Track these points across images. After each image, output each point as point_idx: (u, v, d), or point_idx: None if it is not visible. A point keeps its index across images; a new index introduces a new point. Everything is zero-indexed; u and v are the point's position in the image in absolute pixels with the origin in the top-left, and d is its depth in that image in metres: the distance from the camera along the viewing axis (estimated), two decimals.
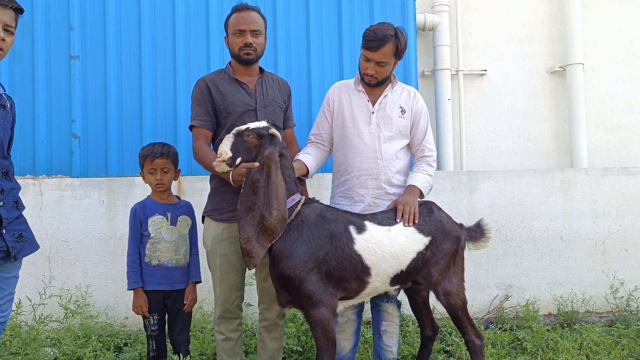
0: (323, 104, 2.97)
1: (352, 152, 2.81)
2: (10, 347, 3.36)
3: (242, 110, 2.67)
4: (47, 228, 4.08)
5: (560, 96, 5.05)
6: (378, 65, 2.72)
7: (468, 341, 2.72)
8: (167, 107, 4.31)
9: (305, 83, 4.34)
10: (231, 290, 2.67)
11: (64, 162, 4.21)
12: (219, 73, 2.78)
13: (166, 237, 2.73)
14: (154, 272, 2.72)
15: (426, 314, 2.98)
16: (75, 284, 4.07)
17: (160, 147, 2.79)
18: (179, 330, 2.78)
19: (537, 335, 3.61)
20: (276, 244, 2.40)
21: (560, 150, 5.02)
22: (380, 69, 2.74)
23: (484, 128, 4.99)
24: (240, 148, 2.45)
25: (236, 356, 2.75)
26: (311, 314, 2.37)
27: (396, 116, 2.82)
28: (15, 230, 1.97)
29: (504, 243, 4.34)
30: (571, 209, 4.40)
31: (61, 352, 3.47)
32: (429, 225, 2.65)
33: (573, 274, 4.38)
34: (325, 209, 2.54)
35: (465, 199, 4.33)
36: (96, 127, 4.22)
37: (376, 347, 2.96)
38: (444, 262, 2.66)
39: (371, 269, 2.48)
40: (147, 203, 2.79)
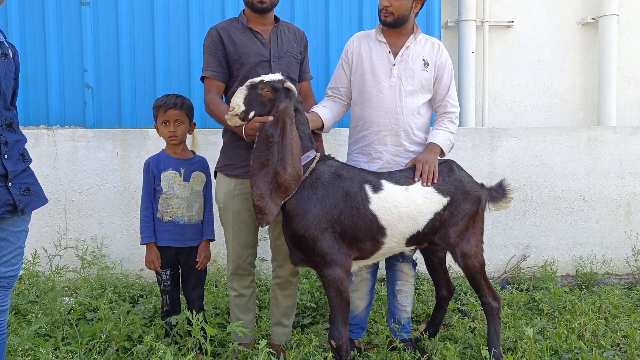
0: (342, 56, 2.83)
1: (371, 106, 2.69)
2: (28, 296, 3.41)
3: (256, 61, 2.56)
4: (62, 179, 4.07)
5: (591, 50, 4.79)
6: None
7: (485, 303, 2.67)
8: (180, 55, 4.18)
9: (323, 34, 4.16)
10: (244, 247, 2.64)
11: (78, 112, 4.15)
12: (232, 21, 2.65)
13: (178, 193, 2.68)
14: (165, 227, 2.68)
15: (442, 274, 2.93)
16: (91, 235, 4.09)
17: (174, 98, 2.70)
18: (192, 286, 2.77)
19: (554, 297, 3.55)
20: (289, 201, 2.33)
21: (588, 107, 4.81)
22: (396, 1, 2.58)
23: (508, 83, 4.79)
24: (254, 101, 2.35)
25: (249, 312, 2.75)
26: (325, 274, 2.33)
27: (419, 69, 2.68)
28: (22, 183, 1.93)
29: (524, 202, 4.23)
30: (596, 168, 4.24)
31: (78, 302, 3.52)
32: (448, 185, 2.56)
33: (594, 235, 4.28)
34: (341, 167, 2.45)
35: (486, 157, 4.20)
36: (109, 77, 4.13)
37: (390, 307, 2.93)
38: (463, 223, 2.58)
39: (386, 230, 2.41)
40: (161, 157, 2.73)
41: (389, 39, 2.71)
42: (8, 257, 1.92)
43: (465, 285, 3.75)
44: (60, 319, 3.05)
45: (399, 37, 2.71)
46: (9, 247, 1.92)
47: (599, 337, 2.91)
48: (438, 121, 2.79)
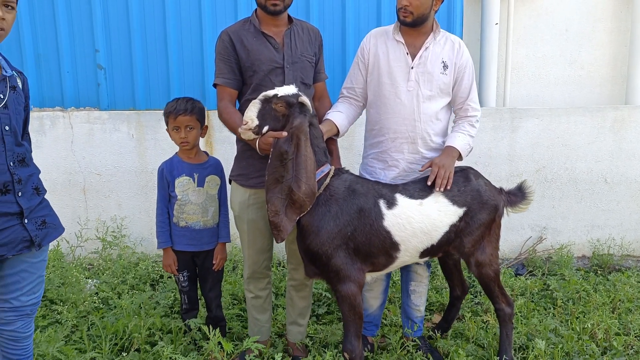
0: (357, 54, 2.71)
1: (388, 111, 2.60)
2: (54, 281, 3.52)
3: (269, 68, 2.48)
4: (79, 161, 4.10)
5: (623, 17, 4.53)
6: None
7: (498, 309, 2.68)
8: (192, 34, 4.08)
9: (339, 32, 3.99)
10: (259, 253, 2.67)
11: (92, 94, 4.12)
12: (244, 23, 2.54)
13: (193, 200, 2.69)
14: (181, 233, 2.71)
15: (456, 274, 2.94)
16: (110, 215, 4.17)
17: (184, 103, 2.65)
18: (209, 287, 2.83)
19: (568, 286, 3.56)
20: (304, 217, 2.32)
21: (616, 79, 4.61)
22: (416, 0, 2.44)
23: (532, 54, 4.59)
24: (268, 116, 2.30)
25: (265, 312, 2.81)
26: (338, 289, 2.35)
27: (438, 72, 2.56)
28: (38, 217, 1.94)
29: (543, 184, 4.17)
30: (620, 150, 4.12)
31: (101, 281, 3.64)
32: (464, 195, 2.51)
33: (613, 217, 4.22)
34: (355, 181, 2.42)
35: (506, 138, 4.10)
36: (121, 58, 4.06)
37: (404, 305, 2.97)
38: (479, 233, 2.55)
39: (400, 245, 2.40)
40: (174, 162, 2.72)
41: (407, 38, 2.58)
42: (30, 287, 1.98)
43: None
44: (84, 310, 3.17)
45: (417, 37, 2.58)
46: (29, 278, 1.97)
47: (611, 336, 2.94)
48: (458, 124, 2.70)
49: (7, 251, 1.83)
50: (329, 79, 2.84)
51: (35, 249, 1.92)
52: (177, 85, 4.08)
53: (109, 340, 2.77)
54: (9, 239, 1.83)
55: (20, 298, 1.96)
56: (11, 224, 1.84)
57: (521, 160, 4.13)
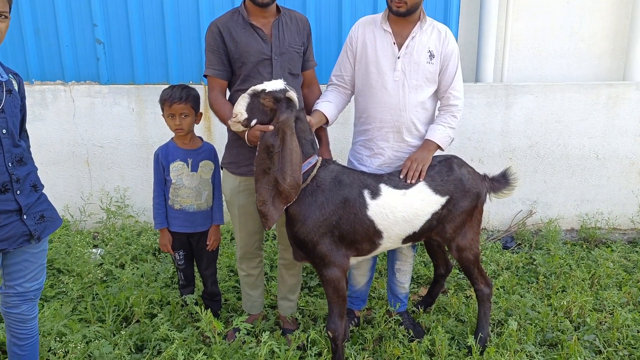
0: (346, 42, 2.75)
1: (374, 101, 2.67)
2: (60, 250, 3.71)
3: (257, 60, 2.54)
4: (82, 134, 4.22)
5: None
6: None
7: (477, 290, 2.82)
8: (189, 7, 4.07)
9: (335, 19, 3.96)
10: (250, 235, 2.81)
11: (91, 68, 4.18)
12: (233, 15, 2.58)
13: (187, 184, 2.81)
14: (176, 215, 2.85)
15: (440, 254, 3.08)
16: (113, 186, 4.32)
17: (179, 91, 2.72)
18: (205, 266, 2.99)
19: (552, 260, 3.70)
20: (292, 206, 2.44)
21: (615, 52, 4.57)
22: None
23: (532, 26, 4.53)
24: (256, 109, 2.38)
25: (257, 288, 2.99)
26: (324, 274, 2.50)
27: (424, 62, 2.61)
28: (36, 212, 2.08)
29: (535, 160, 4.24)
30: (613, 126, 4.16)
31: (106, 252, 3.84)
32: (447, 184, 2.61)
33: (603, 192, 4.31)
34: (342, 172, 2.52)
35: (500, 114, 4.14)
36: (119, 32, 4.10)
37: (389, 282, 3.13)
38: (460, 220, 2.66)
39: (383, 233, 2.52)
40: (169, 148, 2.82)
41: (395, 27, 2.61)
42: (32, 275, 2.14)
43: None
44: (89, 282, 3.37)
45: (405, 26, 2.61)
46: (31, 267, 2.12)
47: (585, 312, 3.09)
48: (439, 115, 2.76)
49: (9, 245, 1.98)
50: (325, 69, 2.92)
51: (35, 242, 2.06)
52: (175, 61, 4.13)
53: (111, 312, 2.97)
54: (10, 234, 1.97)
55: (24, 284, 2.12)
56: (11, 220, 1.98)
57: (515, 136, 4.19)
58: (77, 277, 3.41)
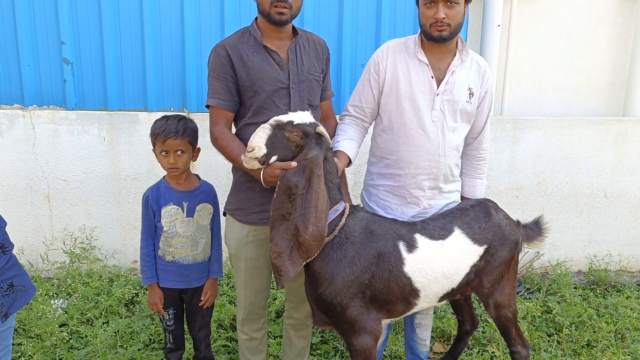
0: (369, 69, 2.35)
1: (410, 144, 2.29)
2: None
3: (272, 89, 2.15)
4: (43, 165, 3.69)
5: (626, 22, 4.35)
6: (448, 6, 2.11)
7: (514, 352, 2.48)
8: (172, 24, 3.67)
9: (335, 40, 3.64)
10: (256, 294, 2.38)
11: (57, 91, 3.68)
12: (243, 35, 2.20)
13: (181, 232, 2.36)
14: (167, 268, 2.38)
15: (467, 309, 2.74)
16: (78, 225, 3.78)
17: (174, 124, 2.29)
18: (198, 327, 2.53)
19: (570, 309, 3.42)
20: (316, 262, 2.04)
21: (614, 86, 4.45)
22: (452, 10, 2.11)
23: (532, 58, 4.37)
24: (278, 144, 1.98)
25: (260, 353, 2.54)
26: (353, 343, 2.10)
27: (463, 101, 2.28)
28: (4, 280, 1.60)
29: (543, 198, 4.00)
30: (622, 164, 3.99)
31: (71, 304, 3.29)
32: (485, 232, 2.27)
33: (611, 232, 4.11)
34: (372, 221, 2.14)
35: (507, 150, 3.90)
36: (91, 51, 3.63)
37: (408, 340, 2.75)
38: (499, 272, 2.33)
39: (420, 292, 2.15)
40: (161, 189, 2.37)
41: (432, 58, 2.26)
42: None
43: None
44: (51, 345, 2.82)
45: (443, 56, 2.27)
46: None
47: None
48: (475, 165, 2.48)
49: None
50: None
51: (2, 320, 1.58)
52: (155, 84, 3.68)
53: None
54: None
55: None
56: None
57: (522, 172, 3.95)
58: (36, 339, 2.85)
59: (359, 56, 3.69)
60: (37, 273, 3.62)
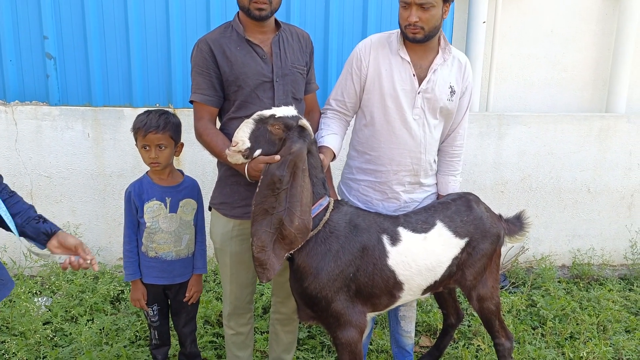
0: (351, 63, 2.34)
1: (393, 141, 2.30)
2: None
3: (256, 83, 2.14)
4: (25, 162, 3.65)
5: (609, 19, 4.40)
6: (421, 9, 2.11)
7: (498, 344, 2.51)
8: (157, 17, 3.62)
9: (321, 36, 3.63)
10: (242, 288, 2.38)
11: (39, 86, 3.63)
12: (225, 30, 2.19)
13: (164, 227, 2.34)
14: (151, 264, 2.37)
15: (451, 303, 2.75)
16: (62, 222, 3.74)
17: (155, 118, 2.27)
18: (183, 322, 2.52)
19: (554, 302, 3.46)
20: (300, 257, 2.05)
21: (597, 83, 4.49)
22: (426, 13, 2.12)
23: (517, 54, 4.39)
24: (261, 138, 1.98)
25: (247, 348, 2.54)
26: (338, 336, 2.11)
27: (445, 99, 2.29)
28: None
29: (528, 193, 4.04)
30: (604, 159, 4.04)
31: (55, 302, 3.26)
32: (467, 225, 2.29)
33: (594, 226, 4.16)
34: (356, 214, 2.15)
35: (493, 145, 3.93)
36: (74, 45, 3.58)
37: (393, 333, 2.77)
38: (481, 264, 2.35)
39: (404, 284, 2.17)
40: (144, 185, 2.35)
41: (414, 56, 2.27)
42: None
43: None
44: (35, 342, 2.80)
45: (424, 55, 2.28)
46: None
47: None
48: (448, 162, 2.49)
49: None
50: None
51: None
52: (140, 79, 3.65)
53: None
54: None
55: None
56: None
57: (507, 168, 3.98)
58: (20, 337, 2.83)
59: (345, 52, 3.69)
60: (20, 270, 3.58)
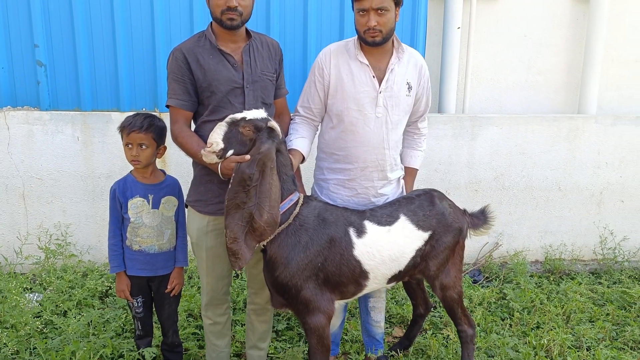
0: (314, 72, 2.50)
1: (357, 140, 2.47)
2: None
3: (227, 89, 2.31)
4: (17, 164, 3.80)
5: (580, 25, 4.59)
6: (378, 14, 2.29)
7: (460, 331, 2.68)
8: (143, 25, 3.79)
9: (300, 46, 3.82)
10: (218, 280, 2.53)
11: (30, 92, 3.80)
12: (199, 39, 2.35)
13: (147, 222, 2.51)
14: (135, 257, 2.53)
15: (419, 293, 2.91)
16: (53, 222, 3.90)
17: (140, 120, 2.44)
18: (166, 314, 2.67)
19: (524, 295, 3.62)
20: (272, 248, 2.22)
21: (570, 85, 4.68)
22: (382, 17, 2.29)
23: (492, 59, 4.58)
24: (234, 139, 2.15)
25: (224, 337, 2.69)
26: (307, 322, 2.27)
27: (403, 95, 2.47)
28: None
29: (501, 192, 4.21)
30: (574, 158, 4.21)
31: (45, 298, 3.40)
32: (429, 219, 2.46)
33: (565, 223, 4.33)
34: (325, 209, 2.32)
35: (466, 146, 4.10)
36: (63, 53, 3.75)
37: (364, 323, 2.92)
38: (444, 256, 2.52)
39: (369, 273, 2.34)
40: (128, 182, 2.52)
41: (371, 59, 2.44)
42: None
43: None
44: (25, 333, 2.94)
45: (381, 57, 2.45)
46: None
47: (565, 350, 3.00)
48: (414, 139, 2.74)
49: None
50: (290, 93, 2.70)
51: None
52: (127, 85, 3.82)
53: None
54: None
55: None
56: None
57: (480, 167, 4.15)
58: (11, 329, 2.97)
59: None
60: (11, 267, 3.73)
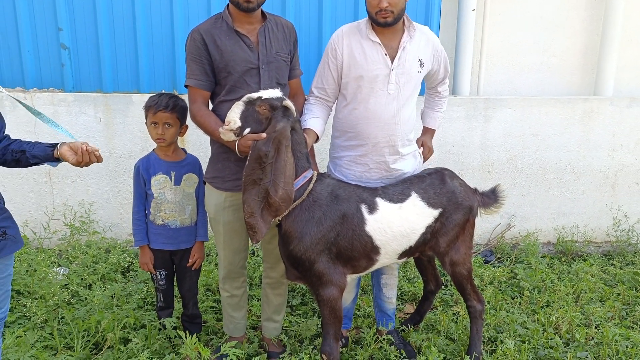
0: (327, 53, 2.59)
1: (368, 117, 2.55)
2: (19, 270, 3.42)
3: (244, 69, 2.40)
4: None
5: (597, 6, 4.55)
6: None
7: (470, 307, 2.75)
8: (162, 10, 3.88)
9: (315, 27, 3.87)
10: (235, 254, 2.64)
11: (55, 75, 3.92)
12: (216, 21, 2.44)
13: (169, 198, 2.62)
14: (158, 231, 2.66)
15: (430, 270, 3.00)
16: (78, 200, 4.05)
17: (166, 99, 2.55)
18: (187, 286, 2.80)
19: (534, 274, 3.68)
20: (287, 223, 2.32)
21: (587, 67, 4.65)
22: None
23: (507, 41, 4.57)
24: (250, 118, 2.25)
25: (241, 309, 2.81)
26: (320, 294, 2.37)
27: (415, 72, 2.54)
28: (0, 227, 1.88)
29: (514, 173, 4.24)
30: (588, 140, 4.23)
31: (71, 271, 3.56)
32: (440, 197, 2.54)
33: (578, 205, 4.36)
34: (338, 186, 2.41)
35: (479, 128, 4.14)
36: (86, 37, 3.86)
37: (376, 299, 3.02)
38: (453, 233, 2.60)
39: (380, 249, 2.43)
40: (151, 160, 2.64)
41: (383, 38, 2.51)
42: None
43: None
44: (54, 304, 3.10)
45: (393, 36, 2.52)
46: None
47: (574, 327, 3.06)
48: (435, 101, 2.89)
49: None
50: (305, 75, 2.77)
51: None
52: (147, 68, 3.93)
53: (81, 337, 2.73)
54: None
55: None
56: None
57: (493, 149, 4.19)
58: (40, 299, 3.14)
59: None
60: (40, 242, 3.89)
